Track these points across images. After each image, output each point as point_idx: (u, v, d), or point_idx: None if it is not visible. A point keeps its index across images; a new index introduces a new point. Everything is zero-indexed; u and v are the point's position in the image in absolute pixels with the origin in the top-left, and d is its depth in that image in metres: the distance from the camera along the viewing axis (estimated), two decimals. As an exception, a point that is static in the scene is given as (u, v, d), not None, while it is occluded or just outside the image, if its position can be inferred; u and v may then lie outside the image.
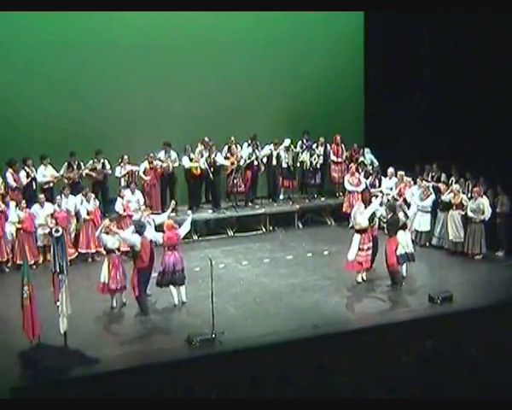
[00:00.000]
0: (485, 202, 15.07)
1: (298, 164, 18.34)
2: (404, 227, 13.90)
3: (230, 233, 17.59)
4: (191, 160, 17.23)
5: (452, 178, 16.37)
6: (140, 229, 12.58)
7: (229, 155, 17.58)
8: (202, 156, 17.27)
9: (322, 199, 18.79)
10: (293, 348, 11.26)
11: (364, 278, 14.03)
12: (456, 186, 15.62)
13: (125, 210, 15.77)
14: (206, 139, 17.38)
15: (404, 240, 13.81)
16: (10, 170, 15.84)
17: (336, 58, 19.38)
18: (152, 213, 14.37)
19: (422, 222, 16.10)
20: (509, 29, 15.30)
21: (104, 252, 13.35)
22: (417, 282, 14.11)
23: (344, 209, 17.62)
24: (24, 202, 15.28)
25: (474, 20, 15.96)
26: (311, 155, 18.31)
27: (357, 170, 17.72)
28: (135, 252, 12.50)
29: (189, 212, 13.71)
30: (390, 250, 13.67)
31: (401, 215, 13.90)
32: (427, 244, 16.10)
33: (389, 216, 13.98)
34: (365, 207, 14.13)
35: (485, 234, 15.15)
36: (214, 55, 18.23)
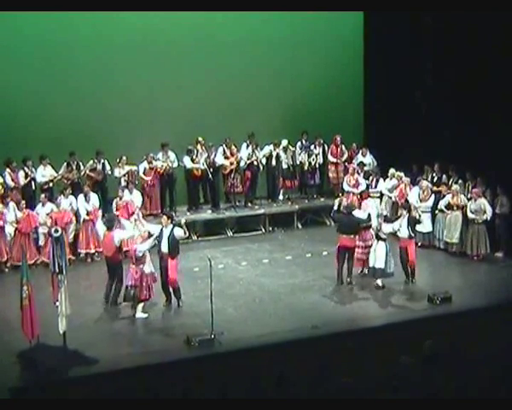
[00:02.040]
0: (485, 202, 15.07)
1: (297, 163, 18.32)
2: (378, 238, 13.66)
3: (230, 234, 17.57)
4: (193, 160, 17.21)
5: (453, 178, 16.36)
6: (107, 223, 13.00)
7: (228, 154, 17.57)
8: (201, 157, 17.26)
9: (322, 199, 18.76)
10: (293, 349, 11.26)
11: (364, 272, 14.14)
12: (455, 187, 15.61)
13: (117, 209, 15.71)
14: (200, 139, 17.34)
15: (372, 251, 13.62)
16: (8, 169, 15.86)
17: (336, 58, 19.37)
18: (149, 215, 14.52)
19: (424, 222, 16.03)
20: (510, 29, 15.30)
21: None
22: (417, 282, 14.08)
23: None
24: (23, 202, 15.28)
25: (474, 20, 15.94)
26: (309, 156, 18.30)
27: (356, 171, 17.67)
28: None
29: (156, 230, 12.95)
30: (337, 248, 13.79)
31: (374, 223, 13.70)
32: (428, 245, 16.07)
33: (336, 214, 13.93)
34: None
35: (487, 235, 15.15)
36: (214, 55, 18.23)
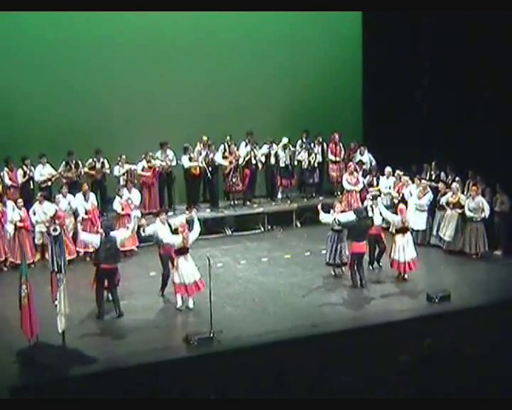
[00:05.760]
0: (483, 200, 15.07)
1: (296, 163, 18.34)
2: None
3: (228, 232, 17.58)
4: (191, 159, 17.20)
5: (450, 177, 16.38)
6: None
7: (227, 153, 17.56)
8: (200, 155, 17.27)
9: (321, 198, 18.73)
10: (292, 347, 11.26)
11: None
12: (454, 185, 15.63)
13: (123, 209, 15.76)
14: (205, 138, 17.37)
15: None
16: (6, 168, 15.85)
17: (335, 57, 19.39)
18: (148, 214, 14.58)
19: (419, 221, 16.06)
20: (509, 29, 15.30)
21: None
22: (415, 281, 14.11)
23: (341, 208, 17.57)
24: (21, 200, 15.25)
25: (474, 20, 15.94)
26: (309, 154, 18.31)
27: (355, 169, 17.71)
28: None
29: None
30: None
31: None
32: (425, 243, 16.07)
33: None
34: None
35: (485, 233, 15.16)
36: (213, 54, 18.24)
